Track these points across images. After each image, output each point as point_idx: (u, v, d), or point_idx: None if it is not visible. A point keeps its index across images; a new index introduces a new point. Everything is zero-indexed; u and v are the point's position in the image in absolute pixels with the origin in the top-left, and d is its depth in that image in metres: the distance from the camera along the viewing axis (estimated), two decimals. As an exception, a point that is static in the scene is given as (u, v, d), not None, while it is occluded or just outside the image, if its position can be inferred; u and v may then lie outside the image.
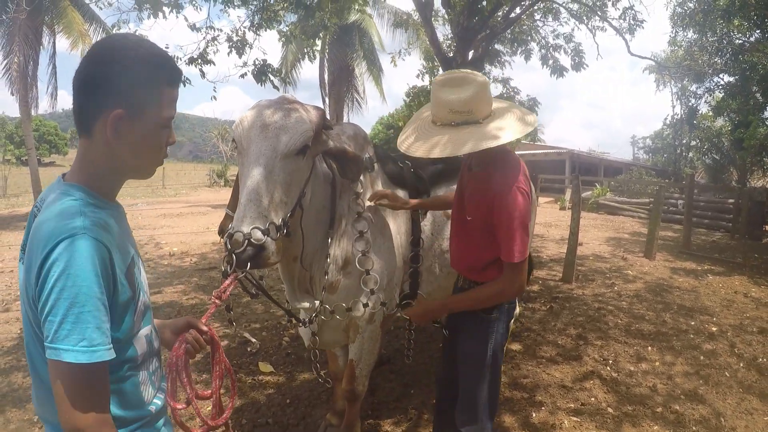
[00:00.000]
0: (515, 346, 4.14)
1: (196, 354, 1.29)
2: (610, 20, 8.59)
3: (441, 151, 1.75)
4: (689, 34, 16.28)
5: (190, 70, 6.37)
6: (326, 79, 20.45)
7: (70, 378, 0.92)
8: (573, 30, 9.04)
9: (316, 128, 1.87)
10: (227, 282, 1.50)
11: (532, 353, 4.06)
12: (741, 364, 3.96)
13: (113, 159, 1.07)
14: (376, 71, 20.26)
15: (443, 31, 9.67)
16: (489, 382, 1.99)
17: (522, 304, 5.07)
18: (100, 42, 1.09)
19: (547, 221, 13.05)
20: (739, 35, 13.32)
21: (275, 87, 6.74)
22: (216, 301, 1.43)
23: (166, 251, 8.22)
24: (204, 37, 6.28)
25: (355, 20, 17.44)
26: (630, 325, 4.76)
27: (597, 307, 5.29)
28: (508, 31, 8.42)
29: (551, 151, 26.31)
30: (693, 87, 22.84)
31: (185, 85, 5.93)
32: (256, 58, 6.44)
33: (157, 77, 1.06)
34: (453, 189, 2.30)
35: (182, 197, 21.37)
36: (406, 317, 2.25)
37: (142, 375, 1.13)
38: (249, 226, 1.60)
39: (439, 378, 2.32)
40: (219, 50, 6.45)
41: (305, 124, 1.81)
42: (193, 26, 6.25)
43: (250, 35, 6.50)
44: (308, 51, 8.10)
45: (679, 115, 27.44)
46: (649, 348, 4.23)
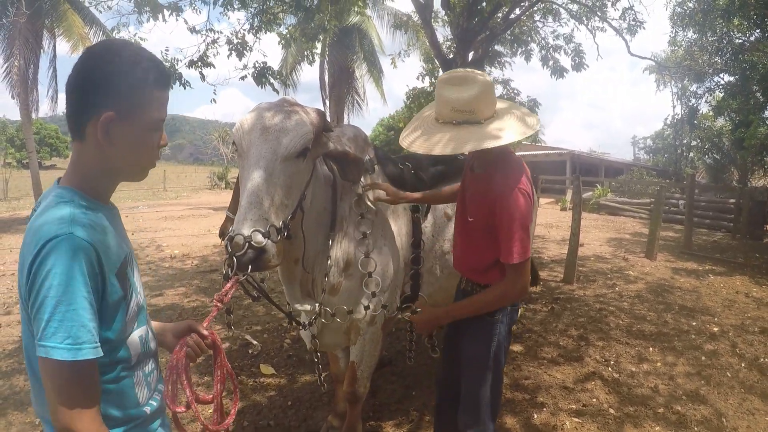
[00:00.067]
0: (517, 347, 4.14)
1: (197, 358, 1.30)
2: (609, 21, 8.58)
3: (442, 149, 1.75)
4: (689, 34, 16.30)
5: (190, 73, 6.38)
6: (326, 81, 20.47)
7: (58, 375, 0.94)
8: (573, 30, 9.02)
9: (317, 130, 1.87)
10: (228, 285, 1.50)
11: (534, 354, 4.05)
12: (743, 365, 3.96)
13: (105, 161, 1.09)
14: (377, 73, 20.26)
15: (443, 33, 9.66)
16: (491, 384, 1.98)
17: (523, 305, 5.07)
18: (89, 48, 1.12)
19: (548, 222, 13.04)
20: (739, 35, 13.34)
21: (275, 90, 6.74)
22: (218, 304, 1.43)
23: (167, 254, 8.20)
24: (204, 40, 6.29)
25: (355, 22, 17.44)
26: (631, 326, 4.76)
27: (598, 308, 5.28)
28: (508, 32, 8.42)
29: (552, 151, 26.33)
30: (693, 87, 22.89)
31: (185, 88, 5.94)
32: (256, 61, 6.45)
33: (146, 80, 1.07)
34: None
35: (183, 200, 21.38)
36: (407, 320, 2.24)
37: (137, 376, 1.14)
38: (250, 228, 1.60)
39: (439, 379, 2.31)
40: (219, 53, 6.46)
41: (305, 126, 1.81)
42: (192, 29, 6.25)
43: (250, 38, 6.51)
44: (308, 53, 8.10)
45: (679, 115, 27.48)
46: (651, 348, 4.22)
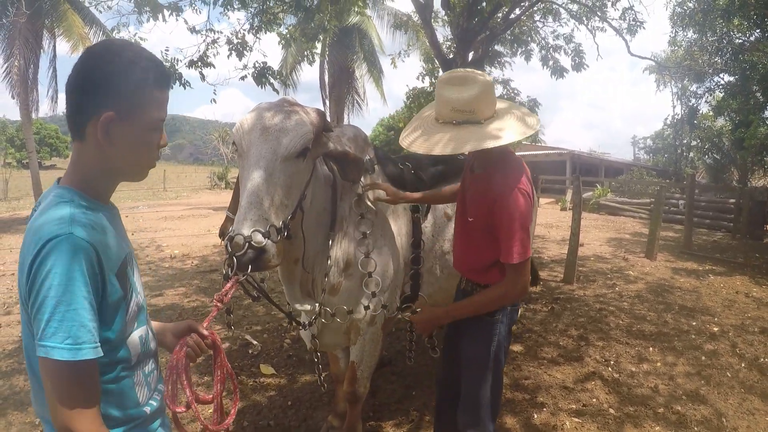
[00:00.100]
0: (517, 347, 4.14)
1: (197, 358, 1.30)
2: (609, 21, 8.58)
3: (442, 149, 1.75)
4: (689, 34, 16.31)
5: (190, 73, 6.38)
6: (326, 81, 20.47)
7: (58, 375, 0.94)
8: (573, 30, 9.00)
9: (317, 130, 1.87)
10: (228, 285, 1.50)
11: (534, 354, 4.06)
12: (743, 365, 3.96)
13: (105, 161, 1.09)
14: (377, 73, 20.26)
15: (443, 33, 9.66)
16: (491, 384, 1.98)
17: (523, 305, 5.07)
18: (89, 48, 1.12)
19: (548, 222, 13.04)
20: (739, 35, 13.34)
21: (275, 90, 6.74)
22: (218, 304, 1.43)
23: (167, 254, 8.19)
24: (204, 40, 6.29)
25: (355, 22, 17.44)
26: (631, 326, 4.76)
27: (598, 308, 5.28)
28: (508, 32, 8.41)
29: (552, 151, 26.34)
30: (693, 87, 22.89)
31: (185, 88, 5.94)
32: (257, 61, 6.45)
33: (145, 79, 1.08)
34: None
35: (183, 200, 21.37)
36: (407, 320, 2.24)
37: (137, 376, 1.14)
38: (249, 228, 1.60)
39: (439, 379, 2.31)
40: (219, 53, 6.46)
41: (305, 126, 1.81)
42: (192, 29, 6.25)
43: (250, 38, 6.51)
44: (308, 53, 8.10)
45: (679, 115, 27.45)
46: (651, 348, 4.22)
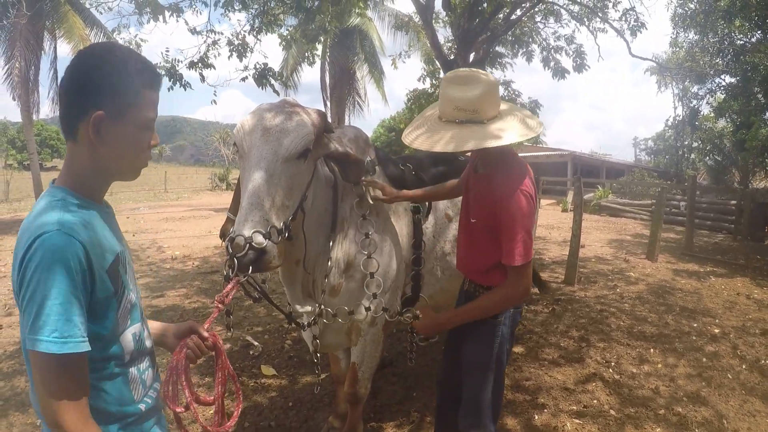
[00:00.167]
0: (517, 349, 4.13)
1: (197, 359, 1.30)
2: (611, 22, 8.58)
3: (444, 147, 1.75)
4: (690, 35, 16.35)
5: (191, 74, 6.38)
6: (327, 82, 20.50)
7: (46, 368, 0.96)
8: (574, 32, 9.00)
9: (318, 131, 1.87)
10: (229, 286, 1.50)
11: (535, 355, 4.05)
12: (743, 366, 3.95)
13: (97, 161, 1.11)
14: (378, 74, 20.29)
15: (444, 34, 9.68)
16: (493, 386, 1.98)
17: (524, 306, 5.06)
18: (80, 51, 1.14)
19: (549, 223, 13.03)
20: (741, 36, 13.35)
21: (275, 91, 6.75)
22: (219, 305, 1.43)
23: (168, 255, 8.20)
24: (204, 41, 6.30)
25: (356, 24, 17.48)
26: (632, 327, 4.75)
27: (599, 309, 5.28)
28: (509, 33, 8.42)
29: (553, 153, 26.35)
30: (694, 88, 22.91)
31: (185, 89, 5.94)
32: (257, 62, 6.46)
33: (135, 80, 1.09)
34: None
35: (184, 201, 21.39)
36: (407, 322, 2.24)
37: (131, 373, 1.15)
38: (250, 229, 1.60)
39: (439, 380, 2.30)
40: (220, 54, 6.47)
41: (306, 127, 1.80)
42: (193, 30, 6.26)
43: (250, 39, 6.51)
44: (309, 55, 8.11)
45: (680, 117, 27.45)
46: (652, 350, 4.22)
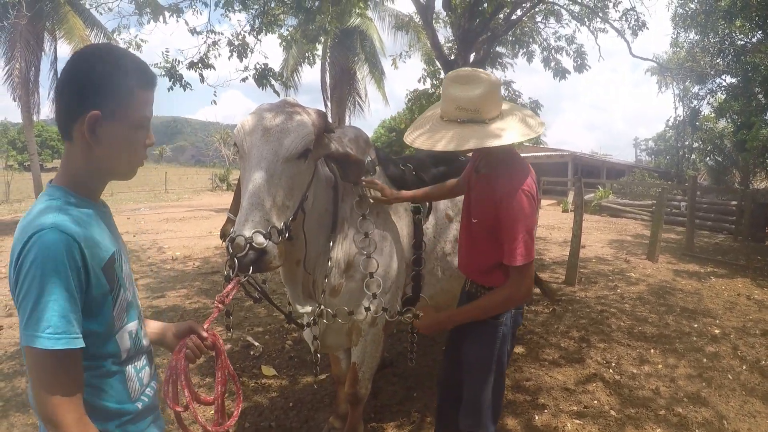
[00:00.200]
0: (518, 349, 4.13)
1: (197, 359, 1.30)
2: (611, 22, 8.58)
3: (445, 146, 1.75)
4: (691, 36, 16.35)
5: (190, 75, 6.39)
6: (328, 82, 20.51)
7: (40, 363, 0.97)
8: (575, 32, 8.99)
9: (318, 131, 1.87)
10: (230, 286, 1.50)
11: (535, 356, 4.05)
12: (744, 367, 3.95)
13: (93, 160, 1.12)
14: (378, 74, 20.30)
15: (444, 34, 9.68)
16: (493, 387, 1.98)
17: (525, 306, 5.06)
18: (76, 52, 1.15)
19: (550, 224, 13.02)
20: (741, 36, 13.34)
21: (276, 92, 6.75)
22: (219, 305, 1.43)
23: (168, 255, 8.21)
24: (205, 41, 6.30)
25: (357, 24, 17.48)
26: (633, 328, 4.75)
27: (600, 310, 5.27)
28: (510, 33, 8.42)
29: (554, 153, 26.31)
30: (695, 88, 22.91)
31: (185, 90, 5.94)
32: (257, 62, 6.46)
33: (129, 80, 1.10)
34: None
35: (185, 201, 21.40)
36: (408, 322, 2.24)
37: (127, 371, 1.16)
38: (251, 230, 1.60)
39: (440, 380, 2.30)
40: (220, 54, 6.46)
41: (307, 127, 1.80)
42: (193, 30, 6.26)
43: (250, 39, 6.51)
44: (309, 55, 8.11)
45: (681, 117, 27.45)
46: (652, 350, 4.21)
